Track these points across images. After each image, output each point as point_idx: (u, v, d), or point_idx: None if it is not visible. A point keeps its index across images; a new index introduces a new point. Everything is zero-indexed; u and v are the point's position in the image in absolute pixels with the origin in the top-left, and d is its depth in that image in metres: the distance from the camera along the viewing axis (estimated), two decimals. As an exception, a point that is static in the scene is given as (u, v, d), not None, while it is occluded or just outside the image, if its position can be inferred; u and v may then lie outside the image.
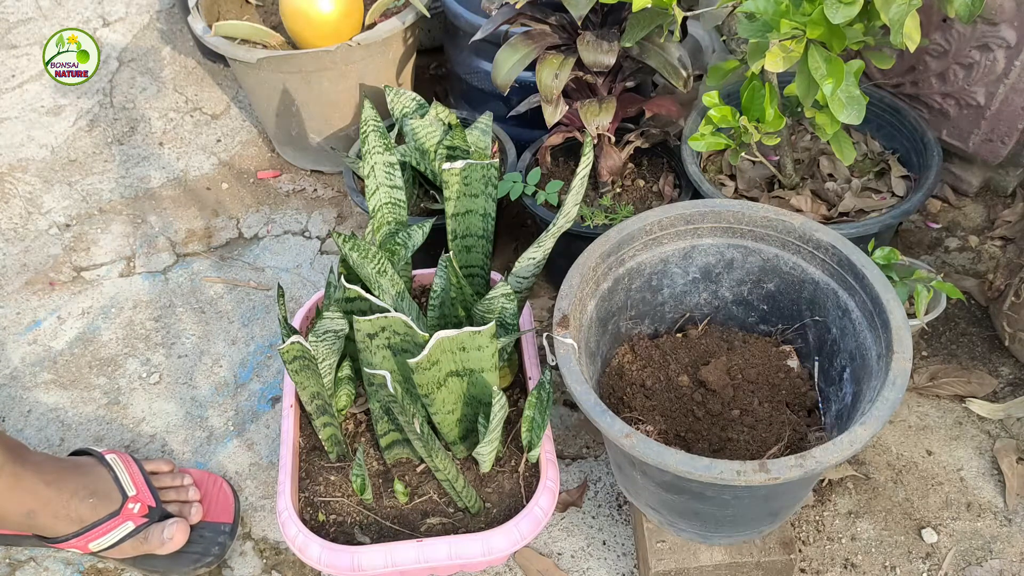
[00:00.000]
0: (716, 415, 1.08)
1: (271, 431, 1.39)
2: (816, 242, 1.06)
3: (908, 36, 1.01)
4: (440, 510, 1.10)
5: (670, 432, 1.07)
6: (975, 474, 1.25)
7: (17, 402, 1.46)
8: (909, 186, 1.34)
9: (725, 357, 1.14)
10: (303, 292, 1.60)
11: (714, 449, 1.06)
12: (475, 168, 1.12)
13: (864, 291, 1.01)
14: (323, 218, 1.74)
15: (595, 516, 1.25)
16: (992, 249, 1.52)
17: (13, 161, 1.91)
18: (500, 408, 1.00)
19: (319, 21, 1.60)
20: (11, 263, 1.69)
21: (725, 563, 1.08)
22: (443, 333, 0.93)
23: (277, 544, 1.25)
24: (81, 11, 2.31)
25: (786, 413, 1.08)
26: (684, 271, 1.15)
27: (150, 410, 1.43)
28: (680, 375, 1.13)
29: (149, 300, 1.61)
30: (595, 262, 1.05)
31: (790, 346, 1.16)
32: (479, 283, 1.23)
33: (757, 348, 1.16)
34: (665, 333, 1.21)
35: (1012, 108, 1.37)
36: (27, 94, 2.08)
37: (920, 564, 1.17)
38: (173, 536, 1.16)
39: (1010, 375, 1.35)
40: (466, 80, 1.68)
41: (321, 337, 1.06)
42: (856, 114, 1.03)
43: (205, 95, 2.05)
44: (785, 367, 1.13)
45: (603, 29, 1.25)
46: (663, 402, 1.10)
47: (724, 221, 1.11)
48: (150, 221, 1.76)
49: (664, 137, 1.44)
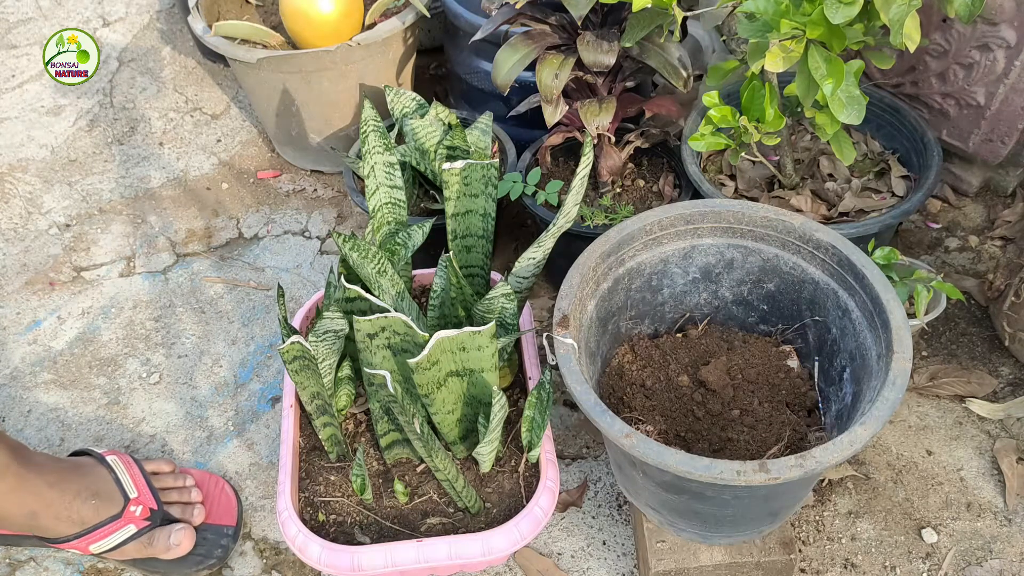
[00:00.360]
0: (716, 415, 1.08)
1: (271, 431, 1.39)
2: (816, 242, 1.06)
3: (908, 36, 1.01)
4: (440, 510, 1.10)
5: (670, 432, 1.07)
6: (975, 474, 1.25)
7: (17, 402, 1.46)
8: (909, 186, 1.34)
9: (725, 357, 1.14)
10: (303, 292, 1.60)
11: (714, 449, 1.06)
12: (475, 168, 1.12)
13: (864, 291, 1.01)
14: (323, 218, 1.74)
15: (595, 516, 1.25)
16: (992, 249, 1.52)
17: (13, 161, 1.91)
18: (500, 408, 1.00)
19: (319, 21, 1.60)
20: (11, 263, 1.69)
21: (725, 563, 1.08)
22: (443, 333, 0.93)
23: (277, 544, 1.25)
24: (81, 11, 2.31)
25: (786, 413, 1.08)
26: (684, 271, 1.15)
27: (150, 410, 1.43)
28: (680, 375, 1.13)
29: (149, 300, 1.61)
30: (595, 262, 1.05)
31: (790, 346, 1.16)
32: (479, 283, 1.23)
33: (757, 348, 1.16)
34: (665, 333, 1.21)
35: (1012, 108, 1.37)
36: (27, 94, 2.08)
37: (920, 564, 1.17)
38: (180, 542, 1.16)
39: (1010, 375, 1.35)
40: (466, 80, 1.68)
41: (321, 337, 1.07)
42: (856, 114, 1.03)
43: (205, 95, 2.05)
44: (785, 367, 1.13)
45: (603, 29, 1.25)
46: (663, 402, 1.10)
47: (724, 221, 1.11)
48: (150, 221, 1.76)
49: (664, 137, 1.44)
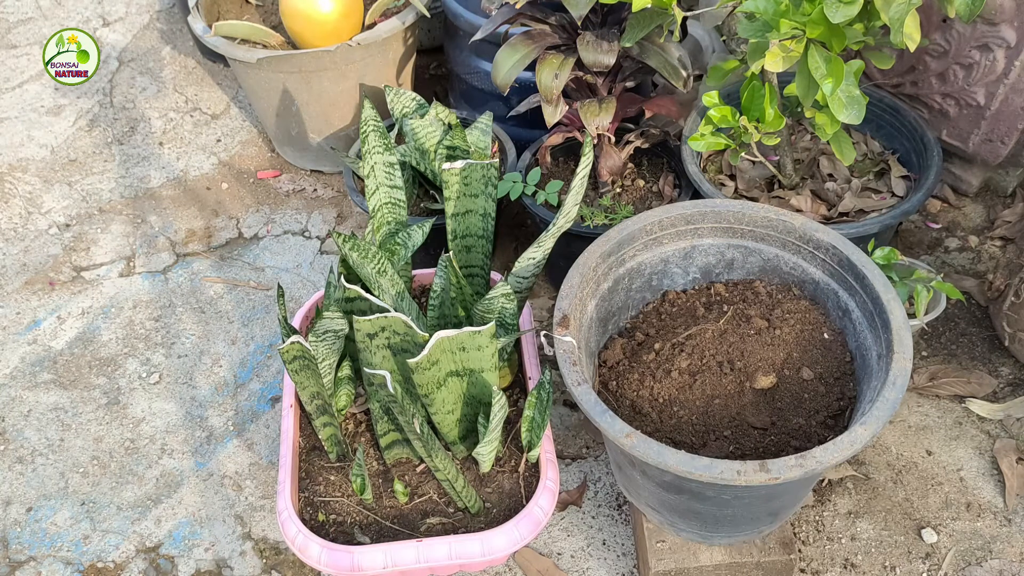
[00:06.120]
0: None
1: (271, 431, 1.39)
2: (816, 242, 1.06)
3: (908, 36, 1.01)
4: (440, 510, 1.10)
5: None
6: (975, 474, 1.25)
7: (17, 402, 1.46)
8: (909, 186, 1.34)
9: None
10: (303, 292, 1.60)
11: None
12: (475, 168, 1.12)
13: (864, 291, 1.01)
14: (323, 218, 1.74)
15: (595, 516, 1.25)
16: (992, 249, 1.52)
17: (13, 161, 1.91)
18: (500, 408, 1.00)
19: (319, 21, 1.60)
20: (11, 263, 1.69)
21: (725, 563, 1.08)
22: (443, 333, 0.93)
23: (277, 544, 1.25)
24: (81, 11, 2.31)
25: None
26: (684, 271, 1.15)
27: (150, 410, 1.43)
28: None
29: (149, 300, 1.61)
30: (595, 262, 1.05)
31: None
32: (479, 283, 1.23)
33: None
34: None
35: (1012, 108, 1.37)
36: (27, 94, 2.08)
37: (920, 564, 1.17)
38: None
39: (1010, 375, 1.35)
40: (466, 80, 1.68)
41: (321, 337, 1.07)
42: (856, 114, 1.03)
43: (205, 95, 2.05)
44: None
45: (603, 29, 1.25)
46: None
47: (724, 221, 1.11)
48: (150, 221, 1.76)
49: (664, 137, 1.44)
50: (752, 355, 1.03)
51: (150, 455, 1.37)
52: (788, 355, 1.03)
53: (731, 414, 0.99)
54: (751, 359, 1.03)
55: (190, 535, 1.28)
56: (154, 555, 1.26)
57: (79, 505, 1.32)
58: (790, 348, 1.04)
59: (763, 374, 1.01)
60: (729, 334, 1.05)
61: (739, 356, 1.03)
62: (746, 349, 1.03)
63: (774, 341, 1.04)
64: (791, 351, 1.03)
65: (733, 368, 1.02)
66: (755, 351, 1.03)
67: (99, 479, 1.35)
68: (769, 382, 1.01)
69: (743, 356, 1.03)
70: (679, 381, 1.02)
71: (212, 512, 1.30)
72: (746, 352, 1.03)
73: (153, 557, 1.25)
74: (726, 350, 1.04)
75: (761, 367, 1.02)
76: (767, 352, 1.03)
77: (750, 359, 1.03)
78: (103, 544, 1.27)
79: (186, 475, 1.35)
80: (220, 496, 1.32)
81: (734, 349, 1.04)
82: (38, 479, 1.35)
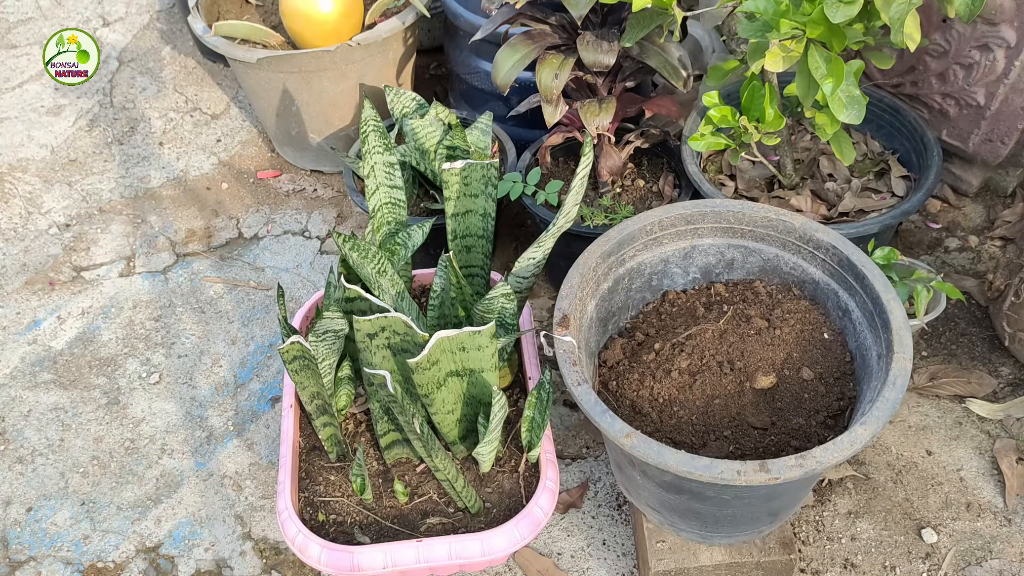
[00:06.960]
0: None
1: (271, 431, 1.39)
2: (816, 242, 1.06)
3: (908, 36, 1.01)
4: (440, 510, 1.10)
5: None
6: (975, 474, 1.25)
7: (17, 402, 1.46)
8: (909, 186, 1.34)
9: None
10: (303, 292, 1.60)
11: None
12: (475, 168, 1.12)
13: (864, 291, 1.01)
14: (323, 218, 1.74)
15: (595, 516, 1.25)
16: (992, 249, 1.52)
17: (13, 161, 1.91)
18: (500, 408, 1.00)
19: (319, 21, 1.60)
20: (11, 263, 1.69)
21: (725, 563, 1.08)
22: (443, 333, 0.93)
23: (277, 544, 1.25)
24: (81, 11, 2.31)
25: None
26: (684, 271, 1.15)
27: (150, 410, 1.43)
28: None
29: (149, 300, 1.61)
30: (595, 262, 1.05)
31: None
32: (479, 283, 1.23)
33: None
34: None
35: (1012, 108, 1.37)
36: (27, 94, 2.08)
37: (920, 564, 1.17)
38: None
39: (1010, 375, 1.35)
40: (466, 80, 1.68)
41: (321, 337, 1.07)
42: (856, 114, 1.03)
43: (205, 95, 2.05)
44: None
45: (603, 29, 1.25)
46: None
47: (724, 221, 1.11)
48: (150, 221, 1.76)
49: (664, 137, 1.44)
50: (752, 355, 1.03)
51: (150, 455, 1.37)
52: (788, 355, 1.03)
53: (731, 414, 0.99)
54: (751, 359, 1.03)
55: (190, 535, 1.28)
56: (154, 555, 1.26)
57: (79, 505, 1.32)
58: (790, 348, 1.04)
59: (763, 374, 1.01)
60: (729, 334, 1.05)
61: (739, 356, 1.03)
62: (746, 349, 1.03)
63: (774, 341, 1.04)
64: (791, 351, 1.03)
65: (733, 368, 1.02)
66: (755, 351, 1.03)
67: (99, 479, 1.35)
68: (769, 382, 1.01)
69: (743, 356, 1.03)
70: (679, 381, 1.02)
71: (212, 512, 1.30)
72: (746, 352, 1.03)
73: (153, 557, 1.26)
74: (726, 350, 1.04)
75: (761, 367, 1.02)
76: (767, 352, 1.03)
77: (750, 359, 1.03)
78: (103, 544, 1.27)
79: (186, 475, 1.35)
80: (220, 496, 1.32)
81: (734, 349, 1.04)
82: (38, 479, 1.35)
